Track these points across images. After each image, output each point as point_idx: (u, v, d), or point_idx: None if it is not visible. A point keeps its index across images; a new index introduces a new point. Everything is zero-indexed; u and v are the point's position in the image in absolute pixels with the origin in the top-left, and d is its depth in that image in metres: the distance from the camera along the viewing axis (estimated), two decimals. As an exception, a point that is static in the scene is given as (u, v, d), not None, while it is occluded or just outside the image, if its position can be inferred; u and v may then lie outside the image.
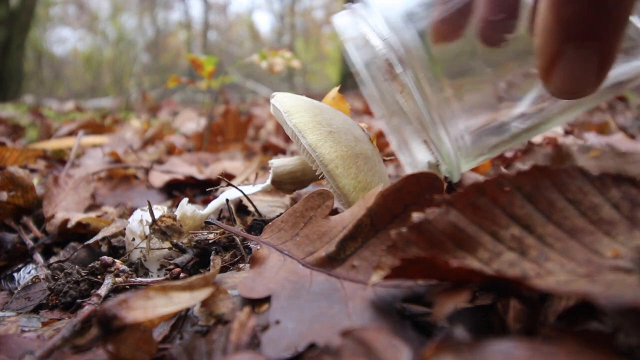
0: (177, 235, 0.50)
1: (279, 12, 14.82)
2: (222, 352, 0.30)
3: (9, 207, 0.67)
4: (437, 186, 0.34)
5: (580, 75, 0.35)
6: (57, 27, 14.57)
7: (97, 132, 1.86)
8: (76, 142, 1.18)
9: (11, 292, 0.51)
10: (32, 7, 6.41)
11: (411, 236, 0.28)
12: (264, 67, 1.38)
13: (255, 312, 0.32)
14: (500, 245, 0.28)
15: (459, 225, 0.28)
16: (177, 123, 2.38)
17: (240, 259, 0.47)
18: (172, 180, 0.96)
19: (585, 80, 0.35)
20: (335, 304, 0.31)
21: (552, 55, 0.34)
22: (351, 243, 0.36)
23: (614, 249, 0.26)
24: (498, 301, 0.30)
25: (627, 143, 1.01)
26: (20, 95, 5.57)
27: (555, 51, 0.34)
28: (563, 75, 0.34)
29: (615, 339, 0.23)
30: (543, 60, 0.35)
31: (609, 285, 0.23)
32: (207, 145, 1.51)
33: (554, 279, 0.25)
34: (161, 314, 0.30)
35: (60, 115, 3.04)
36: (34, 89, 9.58)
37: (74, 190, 0.77)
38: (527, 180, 0.29)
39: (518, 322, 0.28)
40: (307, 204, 0.41)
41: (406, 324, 0.28)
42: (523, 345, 0.21)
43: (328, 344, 0.25)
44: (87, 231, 0.63)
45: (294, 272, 0.36)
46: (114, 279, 0.44)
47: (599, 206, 0.28)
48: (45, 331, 0.39)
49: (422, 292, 0.31)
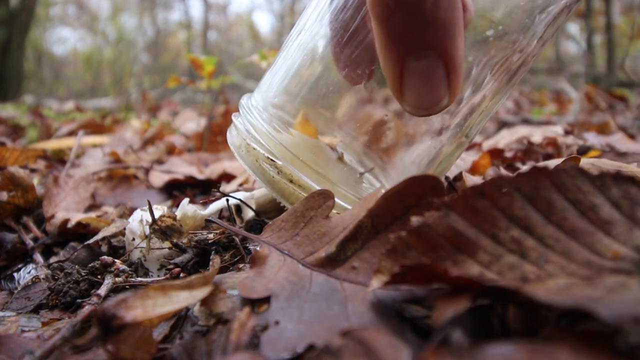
0: (177, 235, 0.50)
1: (279, 12, 14.82)
2: (222, 352, 0.30)
3: (9, 207, 0.67)
4: (438, 189, 0.34)
5: (430, 88, 0.34)
6: (57, 27, 14.57)
7: (97, 132, 1.85)
8: (76, 142, 1.18)
9: (11, 292, 0.51)
10: (32, 7, 6.40)
11: (411, 240, 0.28)
12: (264, 67, 1.38)
13: (255, 312, 0.32)
14: (500, 247, 0.28)
15: (458, 229, 0.28)
16: (177, 123, 2.38)
17: (240, 259, 0.47)
18: (172, 180, 0.96)
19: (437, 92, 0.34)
20: (335, 305, 0.31)
21: (396, 73, 0.34)
22: (351, 244, 0.36)
23: (614, 250, 0.26)
24: (497, 303, 0.30)
25: (627, 143, 1.01)
26: (20, 95, 5.57)
27: (397, 68, 0.34)
28: (413, 91, 0.34)
29: (615, 339, 0.23)
30: (390, 79, 0.35)
31: (610, 290, 0.23)
32: (207, 145, 1.50)
33: (554, 282, 0.25)
34: (161, 313, 0.30)
35: (60, 115, 3.04)
36: (34, 89, 9.57)
37: (74, 190, 0.77)
38: (526, 181, 0.28)
39: (517, 323, 0.28)
40: (307, 204, 0.41)
41: (405, 326, 0.28)
42: (523, 348, 0.21)
43: (328, 344, 0.25)
44: (87, 231, 0.63)
45: (294, 272, 0.36)
46: (114, 279, 0.44)
47: (598, 206, 0.28)
48: (45, 331, 0.39)
49: (422, 295, 0.31)
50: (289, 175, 0.44)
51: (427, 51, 0.33)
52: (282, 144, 0.43)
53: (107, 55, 13.61)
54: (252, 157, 0.45)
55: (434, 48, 0.33)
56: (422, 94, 0.34)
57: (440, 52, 0.33)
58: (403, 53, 0.33)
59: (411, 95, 0.35)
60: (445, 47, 0.33)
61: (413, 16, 0.32)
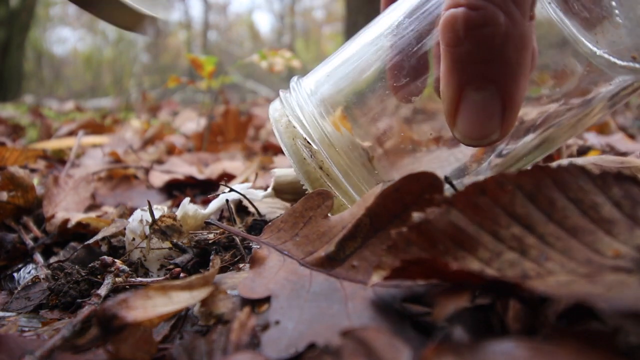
0: (177, 235, 0.50)
1: (279, 12, 14.82)
2: (222, 352, 0.30)
3: (9, 207, 0.67)
4: (436, 186, 0.34)
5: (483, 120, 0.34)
6: (57, 27, 14.58)
7: (97, 132, 1.86)
8: (76, 142, 1.18)
9: (11, 292, 0.51)
10: (32, 7, 6.41)
11: (411, 236, 0.28)
12: (264, 67, 1.39)
13: (255, 312, 0.32)
14: (500, 245, 0.27)
15: (459, 225, 0.28)
16: (177, 123, 2.38)
17: (240, 259, 0.47)
18: (172, 180, 0.96)
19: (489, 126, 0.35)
20: (335, 304, 0.31)
21: (454, 99, 0.34)
22: (350, 243, 0.36)
23: (614, 249, 0.26)
24: (498, 301, 0.30)
25: (627, 143, 1.01)
26: (20, 95, 5.57)
27: (456, 95, 0.34)
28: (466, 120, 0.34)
29: (615, 339, 0.23)
30: (446, 104, 0.35)
31: (609, 287, 0.23)
32: (207, 145, 1.50)
33: (554, 279, 0.25)
34: (161, 313, 0.30)
35: (60, 115, 3.04)
36: (34, 89, 9.58)
37: (74, 190, 0.77)
38: (528, 179, 0.28)
39: (518, 322, 0.28)
40: (306, 204, 0.41)
41: (406, 324, 0.28)
42: (523, 345, 0.21)
43: (328, 343, 0.25)
44: (87, 231, 0.63)
45: (293, 272, 0.36)
46: (114, 279, 0.44)
47: (600, 205, 0.28)
48: (45, 331, 0.39)
49: (421, 292, 0.31)
50: (320, 162, 0.44)
51: (487, 84, 0.33)
52: (322, 130, 0.44)
53: (107, 55, 13.61)
54: (289, 134, 0.46)
55: (495, 83, 0.33)
56: (474, 124, 0.34)
57: (500, 88, 0.33)
58: (464, 81, 0.33)
59: (463, 124, 0.35)
60: (505, 84, 0.33)
61: (480, 49, 0.32)
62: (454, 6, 0.32)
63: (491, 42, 0.32)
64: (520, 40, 0.32)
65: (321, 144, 0.44)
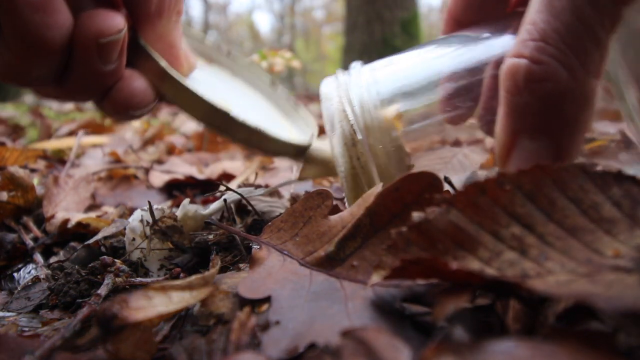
0: (177, 236, 0.50)
1: (279, 12, 14.83)
2: (222, 352, 0.30)
3: (9, 207, 0.67)
4: (436, 185, 0.34)
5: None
6: (57, 28, 14.54)
7: (97, 132, 1.85)
8: (76, 142, 1.18)
9: (11, 292, 0.51)
10: (32, 8, 6.39)
11: (411, 235, 0.28)
12: (264, 67, 1.38)
13: (255, 312, 0.32)
14: (500, 244, 0.27)
15: (459, 225, 0.28)
16: (177, 123, 2.38)
17: (240, 259, 0.47)
18: (172, 180, 0.96)
19: None
20: (335, 304, 0.31)
21: (507, 144, 0.34)
22: (350, 243, 0.36)
23: (614, 248, 0.26)
24: (497, 301, 0.30)
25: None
26: (20, 95, 5.57)
27: (510, 141, 0.34)
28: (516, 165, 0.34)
29: (615, 339, 0.23)
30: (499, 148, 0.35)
31: (609, 286, 0.23)
32: (207, 145, 1.51)
33: (554, 278, 0.25)
34: (161, 313, 0.30)
35: (60, 115, 3.04)
36: (34, 89, 9.56)
37: (74, 190, 0.77)
38: (527, 178, 0.28)
39: (517, 322, 0.28)
40: (306, 204, 0.41)
41: (406, 324, 0.28)
42: (523, 345, 0.21)
43: (328, 343, 0.25)
44: (87, 231, 0.63)
45: (293, 272, 0.36)
46: (114, 279, 0.44)
47: (600, 204, 0.28)
48: (45, 331, 0.39)
49: (421, 292, 0.31)
50: (359, 153, 0.44)
51: (541, 136, 0.33)
52: (373, 122, 0.43)
53: (107, 56, 13.58)
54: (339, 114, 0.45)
55: (549, 135, 0.33)
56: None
57: (554, 141, 0.33)
58: (519, 129, 0.33)
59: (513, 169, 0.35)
60: (560, 139, 0.33)
61: (538, 102, 0.32)
62: (517, 56, 0.32)
63: (550, 97, 0.31)
64: (581, 98, 0.32)
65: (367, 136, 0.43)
